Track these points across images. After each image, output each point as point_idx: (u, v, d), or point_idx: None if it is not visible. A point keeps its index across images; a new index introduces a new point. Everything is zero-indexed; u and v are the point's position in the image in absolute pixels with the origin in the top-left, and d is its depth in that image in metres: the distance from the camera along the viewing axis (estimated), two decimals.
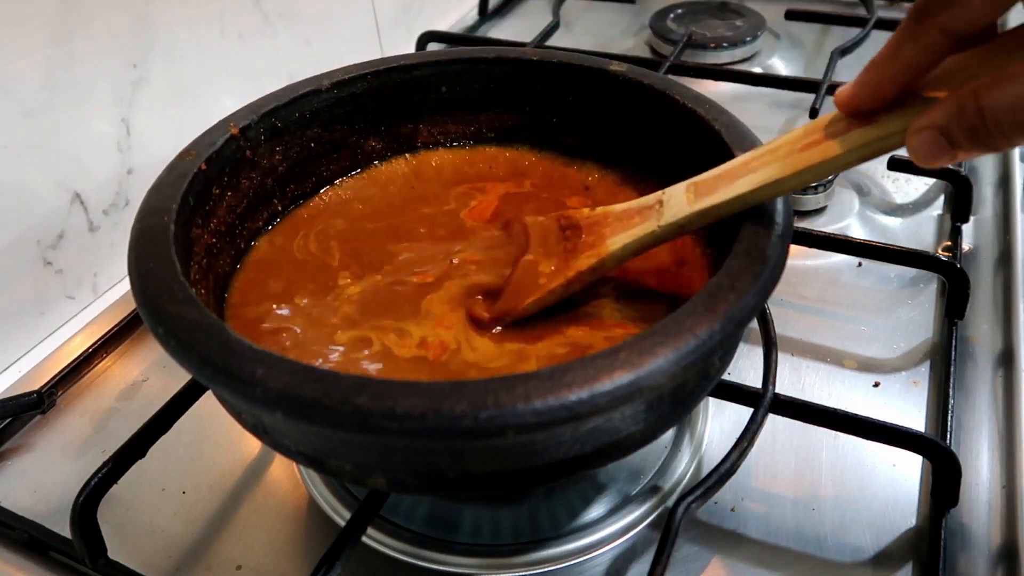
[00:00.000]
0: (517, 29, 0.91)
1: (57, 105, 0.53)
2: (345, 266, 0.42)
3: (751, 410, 0.40)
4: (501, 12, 0.95)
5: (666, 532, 0.35)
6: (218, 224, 0.40)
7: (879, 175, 0.64)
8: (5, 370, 0.53)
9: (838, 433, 0.42)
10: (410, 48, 0.82)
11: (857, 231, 0.59)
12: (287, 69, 0.71)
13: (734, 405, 0.43)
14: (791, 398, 0.41)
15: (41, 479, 0.45)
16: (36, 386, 0.48)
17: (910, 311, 0.52)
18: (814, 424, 0.41)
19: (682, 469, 0.42)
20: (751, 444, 0.38)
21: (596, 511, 0.41)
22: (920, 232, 0.58)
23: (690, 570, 0.38)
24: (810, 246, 0.53)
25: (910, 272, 0.54)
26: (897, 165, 0.59)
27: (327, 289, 0.40)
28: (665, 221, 0.35)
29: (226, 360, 0.28)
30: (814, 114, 0.65)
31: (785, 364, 0.48)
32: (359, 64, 0.47)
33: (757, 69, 0.81)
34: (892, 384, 0.47)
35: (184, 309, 0.30)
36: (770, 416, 0.40)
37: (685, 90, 0.42)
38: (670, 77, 0.45)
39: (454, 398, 0.26)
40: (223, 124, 0.41)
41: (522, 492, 0.41)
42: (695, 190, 0.35)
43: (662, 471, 0.42)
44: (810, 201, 0.59)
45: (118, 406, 0.49)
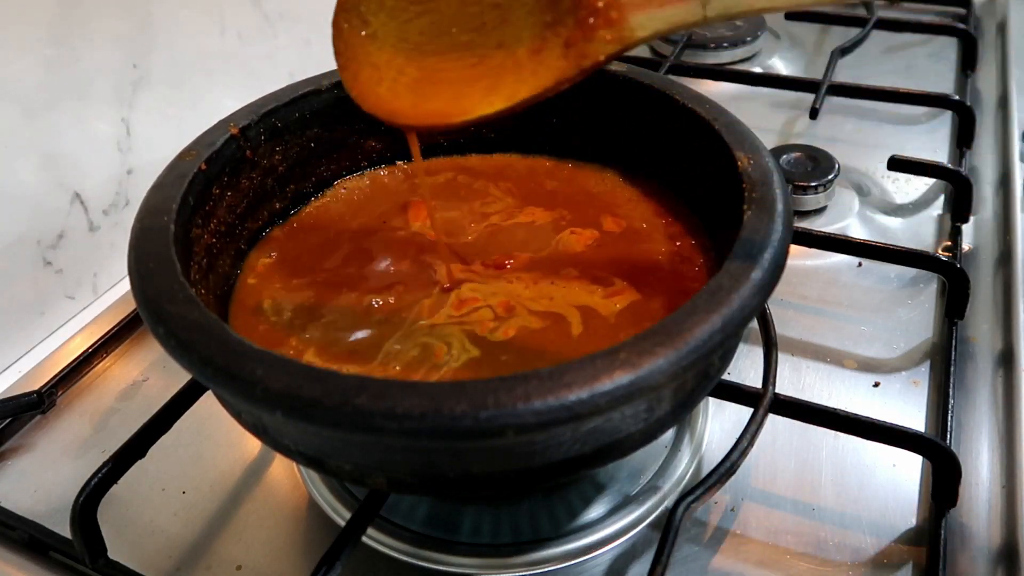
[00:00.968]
0: None
1: (57, 105, 0.53)
2: (347, 265, 0.42)
3: (751, 410, 0.40)
4: None
5: (666, 532, 0.35)
6: (218, 224, 0.40)
7: (879, 175, 0.64)
8: (5, 370, 0.53)
9: (838, 433, 0.42)
10: None
11: (857, 231, 0.59)
12: (287, 69, 0.71)
13: (734, 405, 0.43)
14: (791, 398, 0.41)
15: (41, 479, 0.45)
16: (36, 386, 0.48)
17: (910, 311, 0.52)
18: (814, 424, 0.41)
19: (682, 469, 0.42)
20: (751, 444, 0.38)
21: (596, 511, 0.41)
22: (920, 232, 0.58)
23: (690, 570, 0.38)
24: (810, 246, 0.52)
25: (910, 272, 0.54)
26: (897, 165, 0.59)
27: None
28: (714, 12, 0.29)
29: (226, 360, 0.28)
30: (814, 114, 0.65)
31: (785, 364, 0.48)
32: None
33: (757, 69, 0.81)
34: (892, 384, 0.47)
35: (184, 309, 0.30)
36: (770, 416, 0.40)
37: (685, 90, 0.42)
38: (670, 77, 0.45)
39: (454, 398, 0.26)
40: (223, 124, 0.41)
41: (522, 492, 0.41)
42: None
43: (662, 471, 0.42)
44: (810, 201, 0.59)
45: (118, 406, 0.49)
